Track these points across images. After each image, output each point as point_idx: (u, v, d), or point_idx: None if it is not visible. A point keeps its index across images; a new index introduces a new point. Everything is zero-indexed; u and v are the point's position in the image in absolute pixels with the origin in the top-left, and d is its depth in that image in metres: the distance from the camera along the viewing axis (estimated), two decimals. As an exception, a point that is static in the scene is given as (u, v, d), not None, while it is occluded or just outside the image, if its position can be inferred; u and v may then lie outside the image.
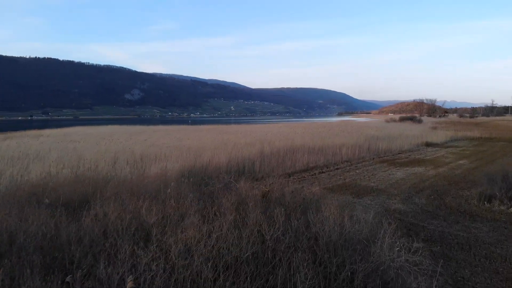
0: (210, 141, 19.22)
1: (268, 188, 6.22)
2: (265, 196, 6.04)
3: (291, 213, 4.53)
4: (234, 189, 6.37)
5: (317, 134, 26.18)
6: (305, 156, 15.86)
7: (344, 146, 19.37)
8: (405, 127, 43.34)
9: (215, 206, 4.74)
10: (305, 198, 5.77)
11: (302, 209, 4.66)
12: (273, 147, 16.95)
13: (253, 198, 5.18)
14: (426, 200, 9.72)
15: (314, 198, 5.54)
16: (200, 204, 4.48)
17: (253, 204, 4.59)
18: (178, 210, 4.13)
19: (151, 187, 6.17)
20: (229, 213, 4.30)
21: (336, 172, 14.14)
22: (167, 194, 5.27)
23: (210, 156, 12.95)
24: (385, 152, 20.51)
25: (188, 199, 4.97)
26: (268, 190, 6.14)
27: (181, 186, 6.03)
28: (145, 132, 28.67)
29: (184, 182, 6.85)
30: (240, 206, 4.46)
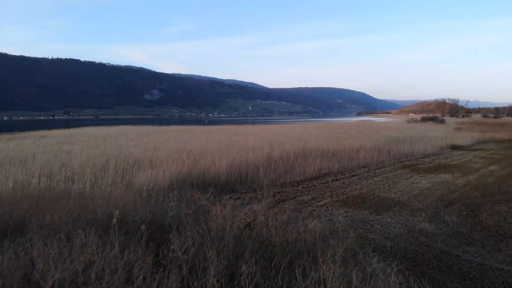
0: (216, 143, 18.02)
1: (250, 217, 4.81)
2: (248, 226, 4.65)
3: (271, 271, 3.09)
4: (208, 214, 4.98)
5: (333, 135, 24.63)
6: (317, 161, 14.43)
7: (361, 149, 17.83)
8: (428, 128, 41.15)
9: (155, 256, 3.24)
10: (298, 238, 4.22)
11: (289, 260, 3.27)
12: (283, 150, 15.59)
13: (224, 237, 3.74)
14: (457, 218, 8.18)
15: (311, 240, 4.02)
16: (134, 253, 3.07)
17: (218, 251, 3.21)
18: (90, 265, 2.87)
19: (115, 205, 4.94)
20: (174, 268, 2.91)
21: (351, 179, 12.65)
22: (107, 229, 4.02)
23: (210, 162, 11.72)
24: (406, 156, 18.82)
25: (116, 244, 3.42)
26: (250, 222, 4.73)
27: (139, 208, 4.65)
28: (153, 133, 27.77)
29: (149, 203, 5.52)
30: (196, 258, 3.11)
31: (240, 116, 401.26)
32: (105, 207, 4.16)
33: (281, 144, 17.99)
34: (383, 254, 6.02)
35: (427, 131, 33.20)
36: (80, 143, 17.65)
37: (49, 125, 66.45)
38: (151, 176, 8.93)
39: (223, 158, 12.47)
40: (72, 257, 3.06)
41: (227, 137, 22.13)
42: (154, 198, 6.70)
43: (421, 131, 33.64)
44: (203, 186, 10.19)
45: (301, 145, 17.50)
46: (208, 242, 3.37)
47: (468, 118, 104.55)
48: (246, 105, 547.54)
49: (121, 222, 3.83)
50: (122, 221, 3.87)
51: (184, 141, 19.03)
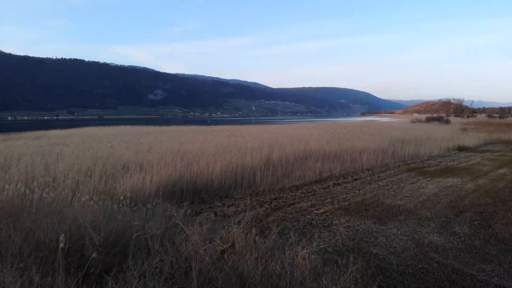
0: (214, 144, 17.38)
1: (227, 243, 4.05)
2: (224, 254, 3.90)
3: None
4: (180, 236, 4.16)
5: (336, 136, 23.92)
6: (318, 163, 13.74)
7: (365, 151, 17.12)
8: (433, 128, 40.32)
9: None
10: (283, 273, 3.43)
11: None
12: (282, 152, 14.91)
13: (189, 272, 2.94)
14: (469, 228, 7.47)
15: (299, 276, 3.24)
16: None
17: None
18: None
19: (74, 222, 4.27)
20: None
21: (354, 184, 11.95)
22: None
23: (204, 165, 11.07)
24: (412, 158, 18.09)
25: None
26: (226, 249, 3.98)
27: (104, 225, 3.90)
28: (153, 134, 27.16)
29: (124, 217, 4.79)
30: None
31: (243, 116, 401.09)
32: (58, 225, 3.51)
33: (281, 145, 17.32)
34: (387, 272, 5.35)
35: (432, 132, 32.40)
36: (73, 145, 17.07)
37: (51, 125, 66.12)
38: (136, 182, 8.28)
39: (218, 161, 11.82)
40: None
41: (226, 138, 21.49)
42: (134, 209, 6.05)
43: (426, 131, 32.83)
44: (194, 192, 9.55)
45: (302, 147, 16.82)
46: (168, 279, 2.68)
47: (473, 118, 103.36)
48: (249, 105, 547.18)
49: (75, 246, 3.18)
50: (76, 244, 3.22)
51: (181, 143, 18.39)
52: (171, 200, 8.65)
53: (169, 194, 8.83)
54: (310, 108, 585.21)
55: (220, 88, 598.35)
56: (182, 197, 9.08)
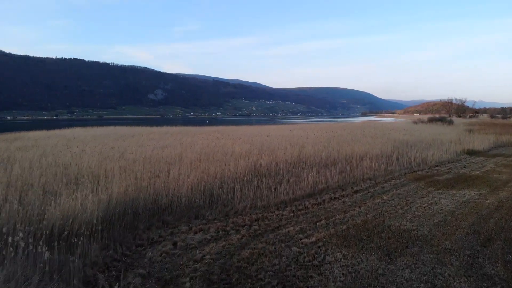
0: (198, 149, 15.56)
1: None
2: None
3: None
4: None
5: (334, 138, 22.09)
6: (313, 172, 11.92)
7: (366, 156, 15.30)
8: (437, 130, 38.46)
9: None
10: None
11: None
12: (272, 159, 13.09)
13: None
14: (504, 268, 5.64)
15: None
16: None
17: None
18: None
19: None
20: None
21: (354, 198, 10.11)
22: None
23: (174, 176, 9.25)
24: (419, 164, 16.24)
25: None
26: None
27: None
28: (138, 135, 25.32)
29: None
30: None
31: (243, 116, 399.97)
32: None
33: (273, 150, 15.49)
34: None
35: (437, 134, 30.55)
36: (41, 149, 15.24)
37: (43, 126, 64.49)
38: (74, 203, 6.46)
39: (194, 170, 10.00)
40: None
41: (214, 141, 19.66)
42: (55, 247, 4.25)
43: (431, 133, 30.99)
44: (154, 212, 7.73)
45: (295, 152, 14.99)
46: None
47: (476, 118, 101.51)
48: (250, 105, 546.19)
49: None
50: None
51: (163, 146, 16.58)
52: (121, 226, 6.84)
53: (121, 217, 7.03)
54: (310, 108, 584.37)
55: (221, 88, 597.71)
56: (138, 220, 7.27)
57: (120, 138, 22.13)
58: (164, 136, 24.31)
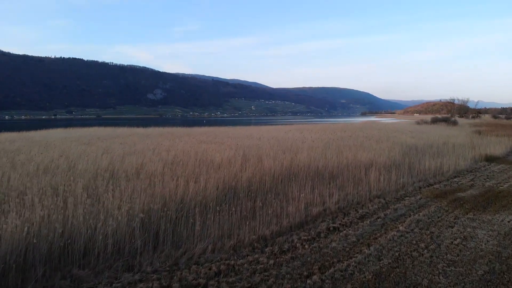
0: (171, 156, 12.99)
1: None
2: None
3: None
4: None
5: (334, 142, 19.54)
6: (307, 188, 9.35)
7: (372, 165, 12.75)
8: (443, 131, 35.90)
9: None
10: None
11: None
12: (257, 170, 10.53)
13: None
14: None
15: None
16: None
17: None
18: None
19: None
20: None
21: (360, 228, 7.50)
22: None
23: (109, 201, 6.66)
24: (434, 174, 13.63)
25: None
26: None
27: None
28: (118, 138, 22.73)
29: None
30: None
31: (243, 116, 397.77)
32: None
33: (260, 157, 12.94)
34: None
35: (445, 136, 27.95)
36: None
37: (32, 126, 62.22)
38: None
39: (145, 191, 7.42)
40: None
41: (196, 145, 17.08)
42: None
43: (439, 135, 28.41)
44: (61, 262, 5.15)
45: (287, 159, 12.42)
46: None
47: (479, 119, 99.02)
48: (250, 105, 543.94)
49: None
50: None
51: (129, 153, 13.98)
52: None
53: (15, 268, 4.46)
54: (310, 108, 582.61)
55: (220, 88, 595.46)
56: (27, 279, 4.68)
57: (90, 141, 19.55)
58: (143, 139, 21.70)
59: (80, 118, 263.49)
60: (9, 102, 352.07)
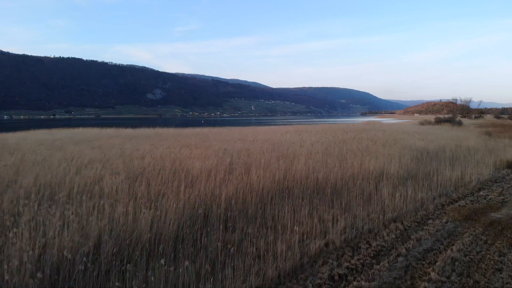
0: (144, 165, 10.89)
1: None
2: None
3: None
4: None
5: (335, 145, 17.45)
6: (302, 210, 7.25)
7: (382, 175, 10.66)
8: (451, 133, 33.75)
9: None
10: None
11: None
12: (242, 185, 8.42)
13: None
14: None
15: None
16: None
17: None
18: None
19: None
20: None
21: (376, 277, 5.29)
22: None
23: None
24: (455, 186, 11.48)
25: None
26: None
27: None
28: (90, 141, 20.55)
29: None
30: None
31: (242, 116, 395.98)
32: None
33: (250, 166, 10.83)
34: None
35: (455, 138, 25.79)
36: None
37: (26, 126, 60.57)
38: None
39: (79, 221, 5.32)
40: None
41: (179, 150, 14.92)
42: None
43: (448, 137, 26.28)
44: None
45: (282, 169, 10.32)
46: None
47: (482, 119, 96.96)
48: (249, 105, 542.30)
49: None
50: None
51: (98, 160, 11.86)
52: None
53: None
54: (310, 108, 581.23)
55: (220, 87, 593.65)
56: None
57: (63, 146, 17.41)
58: (125, 142, 19.58)
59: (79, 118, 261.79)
60: (8, 102, 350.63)
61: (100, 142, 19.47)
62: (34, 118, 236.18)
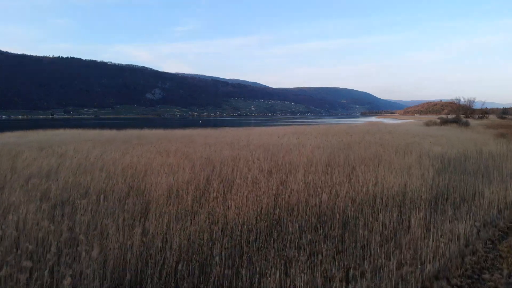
0: (80, 182, 8.30)
1: None
2: None
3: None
4: None
5: (340, 151, 14.85)
6: (299, 264, 4.66)
7: (405, 197, 8.06)
8: (462, 134, 31.14)
9: None
10: None
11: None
12: (210, 222, 5.83)
13: None
14: None
15: None
16: None
17: None
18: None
19: None
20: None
21: None
22: None
23: None
24: (498, 208, 8.85)
25: None
26: None
27: None
28: (70, 144, 18.15)
29: None
30: None
31: (242, 116, 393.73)
32: None
33: (231, 183, 8.24)
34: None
35: (471, 141, 23.15)
36: None
37: (15, 127, 58.77)
38: None
39: None
40: None
41: (149, 159, 12.32)
42: None
43: (464, 140, 23.67)
44: None
45: (272, 191, 7.71)
46: None
47: (486, 119, 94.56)
48: (249, 105, 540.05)
49: None
50: None
51: (33, 176, 9.29)
52: None
53: None
54: (310, 108, 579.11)
55: (220, 87, 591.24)
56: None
57: (22, 151, 14.82)
58: (98, 146, 16.99)
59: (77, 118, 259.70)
60: (7, 102, 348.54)
61: (69, 147, 16.86)
62: (33, 118, 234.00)
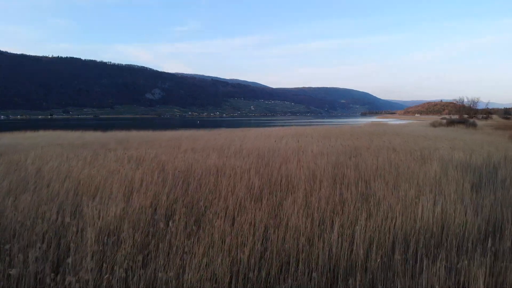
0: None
1: None
2: None
3: None
4: None
5: (349, 159, 12.49)
6: None
7: (450, 235, 5.70)
8: (474, 136, 28.87)
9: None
10: None
11: None
12: None
13: None
14: None
15: None
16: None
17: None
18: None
19: None
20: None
21: None
22: None
23: None
24: None
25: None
26: None
27: None
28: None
29: None
30: None
31: (242, 116, 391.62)
32: None
33: (201, 217, 5.89)
34: None
35: (491, 145, 20.87)
36: None
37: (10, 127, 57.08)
38: None
39: None
40: None
41: (105, 174, 9.96)
42: None
43: (481, 144, 21.29)
44: None
45: (259, 232, 5.36)
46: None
47: (491, 120, 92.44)
48: (249, 105, 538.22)
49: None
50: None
51: None
52: None
53: None
54: (310, 108, 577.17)
55: (220, 87, 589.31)
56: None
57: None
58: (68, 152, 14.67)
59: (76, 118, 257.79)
60: (6, 102, 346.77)
61: (33, 152, 14.50)
62: (32, 118, 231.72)
